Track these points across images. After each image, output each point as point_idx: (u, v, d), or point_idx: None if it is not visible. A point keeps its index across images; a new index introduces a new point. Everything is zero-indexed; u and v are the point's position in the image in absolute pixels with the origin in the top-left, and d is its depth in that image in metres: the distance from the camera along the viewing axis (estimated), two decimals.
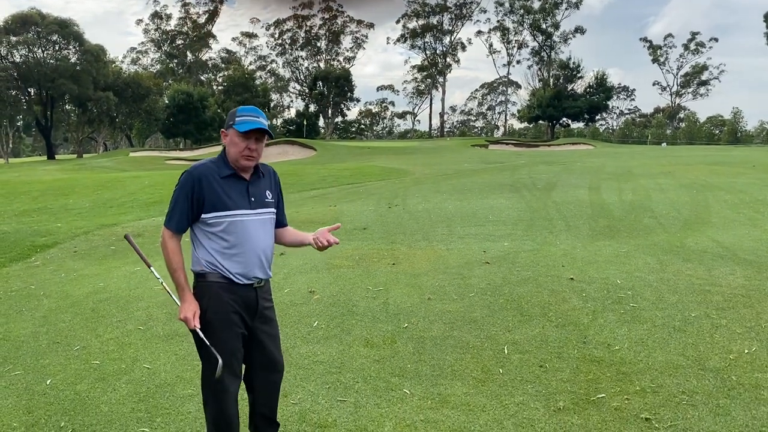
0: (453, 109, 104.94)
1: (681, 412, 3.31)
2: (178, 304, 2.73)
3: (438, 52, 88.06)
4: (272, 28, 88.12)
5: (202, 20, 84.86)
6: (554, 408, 3.41)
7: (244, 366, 2.89)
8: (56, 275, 7.31)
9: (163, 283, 2.99)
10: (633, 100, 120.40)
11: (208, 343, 2.62)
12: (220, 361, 2.60)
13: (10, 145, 73.81)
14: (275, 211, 2.87)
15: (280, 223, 2.96)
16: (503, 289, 5.61)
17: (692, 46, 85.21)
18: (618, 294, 5.32)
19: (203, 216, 2.66)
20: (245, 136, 2.65)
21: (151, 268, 3.00)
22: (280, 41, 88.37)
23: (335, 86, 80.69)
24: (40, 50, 58.01)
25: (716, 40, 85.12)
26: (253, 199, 2.73)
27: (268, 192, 2.82)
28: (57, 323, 5.32)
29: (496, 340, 4.43)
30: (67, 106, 64.58)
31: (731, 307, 4.91)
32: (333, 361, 4.18)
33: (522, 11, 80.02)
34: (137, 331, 4.97)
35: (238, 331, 2.73)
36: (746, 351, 4.06)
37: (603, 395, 3.53)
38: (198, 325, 2.64)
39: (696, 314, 4.76)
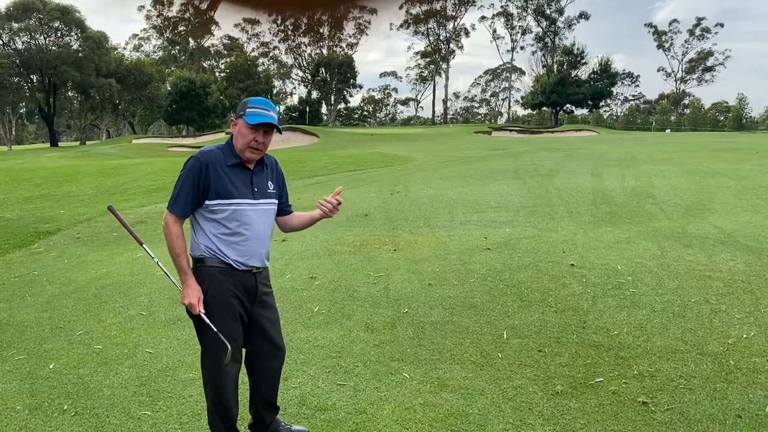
0: (456, 95, 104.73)
1: (678, 395, 3.33)
2: (177, 286, 2.75)
3: (441, 38, 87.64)
4: (274, 13, 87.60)
5: (204, 6, 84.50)
6: (552, 392, 3.44)
7: (244, 350, 2.91)
8: (59, 261, 7.35)
9: (159, 263, 2.99)
10: (637, 86, 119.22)
11: (216, 330, 2.63)
12: (230, 348, 2.63)
13: (13, 133, 73.80)
14: (276, 201, 2.89)
15: (286, 211, 3.00)
16: (503, 274, 5.62)
17: (698, 31, 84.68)
18: (618, 280, 5.33)
19: (207, 202, 2.68)
20: (254, 129, 2.67)
21: (144, 246, 2.98)
22: (282, 27, 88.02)
23: (338, 73, 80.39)
24: (41, 37, 57.88)
25: (722, 25, 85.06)
26: (256, 189, 2.76)
27: (270, 183, 2.85)
28: (60, 309, 5.37)
29: (496, 325, 4.45)
30: (69, 93, 64.59)
31: (731, 292, 4.92)
32: (333, 345, 4.21)
33: None
34: (139, 317, 5.01)
35: (237, 315, 2.76)
36: (744, 336, 4.07)
37: (601, 379, 3.55)
38: (203, 311, 2.66)
39: (695, 300, 4.77)
